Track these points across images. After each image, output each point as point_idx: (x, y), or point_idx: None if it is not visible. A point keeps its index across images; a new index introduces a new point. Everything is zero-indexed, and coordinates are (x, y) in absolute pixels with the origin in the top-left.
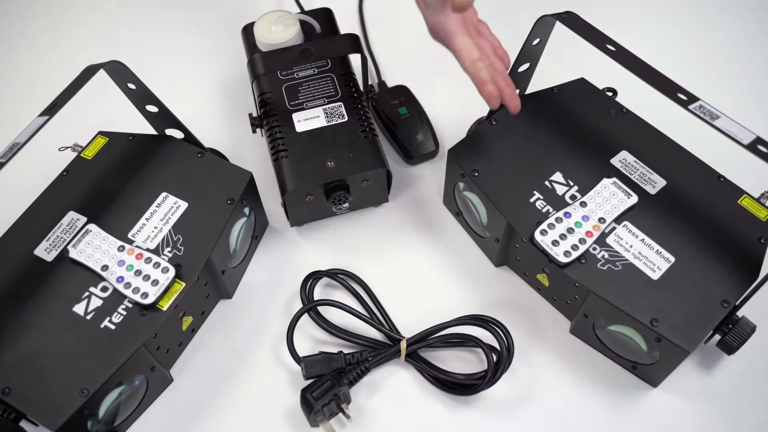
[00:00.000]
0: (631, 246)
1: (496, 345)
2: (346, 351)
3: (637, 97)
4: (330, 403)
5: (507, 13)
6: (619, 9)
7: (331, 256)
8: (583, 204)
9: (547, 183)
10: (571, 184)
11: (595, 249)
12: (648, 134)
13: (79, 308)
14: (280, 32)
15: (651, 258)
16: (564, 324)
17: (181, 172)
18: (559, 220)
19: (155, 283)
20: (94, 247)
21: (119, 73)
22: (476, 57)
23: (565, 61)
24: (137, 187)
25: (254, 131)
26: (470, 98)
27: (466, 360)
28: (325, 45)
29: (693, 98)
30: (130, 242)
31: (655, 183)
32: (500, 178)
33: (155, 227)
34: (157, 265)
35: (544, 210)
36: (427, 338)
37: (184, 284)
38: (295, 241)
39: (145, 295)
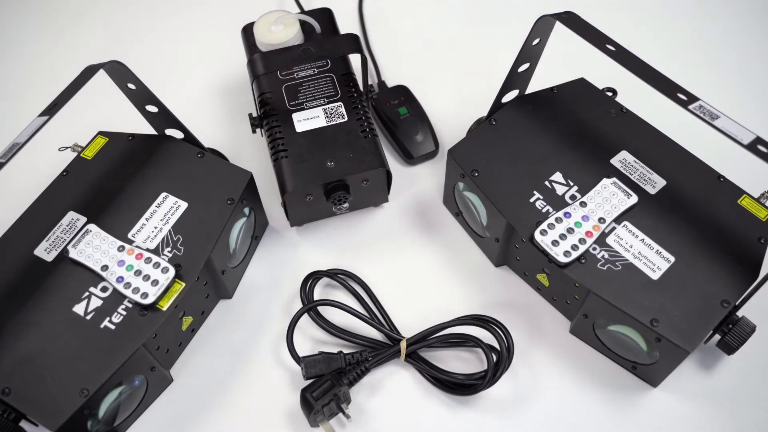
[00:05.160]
0: (631, 246)
1: (496, 345)
2: (346, 351)
3: (637, 97)
4: (330, 403)
5: (507, 13)
6: (619, 9)
7: (331, 256)
8: (583, 204)
9: (546, 183)
10: (571, 184)
11: (595, 249)
12: (648, 134)
13: (79, 308)
14: (280, 32)
15: (651, 258)
16: (564, 324)
17: (181, 172)
18: (559, 220)
19: (155, 283)
20: (94, 247)
21: (119, 73)
22: None
23: (565, 61)
24: (137, 187)
25: (254, 131)
26: (470, 98)
27: (466, 360)
28: (325, 45)
29: (693, 98)
30: (130, 242)
31: (655, 183)
32: (500, 178)
33: (155, 227)
34: (157, 265)
35: (544, 210)
36: (427, 338)
37: (184, 284)
38: (295, 241)
39: (145, 295)
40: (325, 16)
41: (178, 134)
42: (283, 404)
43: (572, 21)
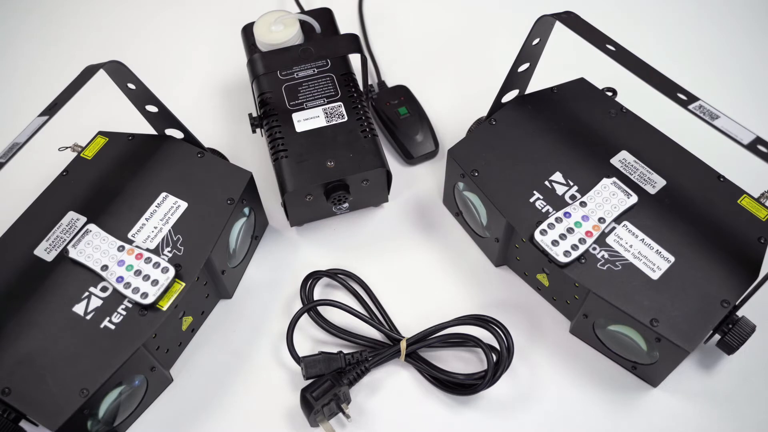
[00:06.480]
0: (630, 246)
1: (496, 345)
2: (346, 351)
3: (637, 97)
4: (330, 403)
5: (507, 13)
6: (619, 9)
7: (331, 256)
8: (583, 204)
9: (546, 183)
10: (571, 184)
11: (594, 249)
12: (648, 134)
13: (79, 308)
14: (280, 32)
15: (651, 258)
16: (564, 324)
17: (181, 172)
18: (558, 220)
19: (155, 283)
20: (94, 247)
21: (119, 73)
22: None
23: (565, 61)
24: (137, 187)
25: (254, 131)
26: (470, 98)
27: (466, 360)
28: (325, 45)
29: (693, 98)
30: (130, 242)
31: (654, 183)
32: (500, 178)
33: (155, 227)
34: (157, 265)
35: (543, 210)
36: (427, 338)
37: (184, 284)
38: (295, 241)
39: (145, 295)
40: (325, 16)
41: (178, 134)
42: (283, 404)
43: (572, 21)
